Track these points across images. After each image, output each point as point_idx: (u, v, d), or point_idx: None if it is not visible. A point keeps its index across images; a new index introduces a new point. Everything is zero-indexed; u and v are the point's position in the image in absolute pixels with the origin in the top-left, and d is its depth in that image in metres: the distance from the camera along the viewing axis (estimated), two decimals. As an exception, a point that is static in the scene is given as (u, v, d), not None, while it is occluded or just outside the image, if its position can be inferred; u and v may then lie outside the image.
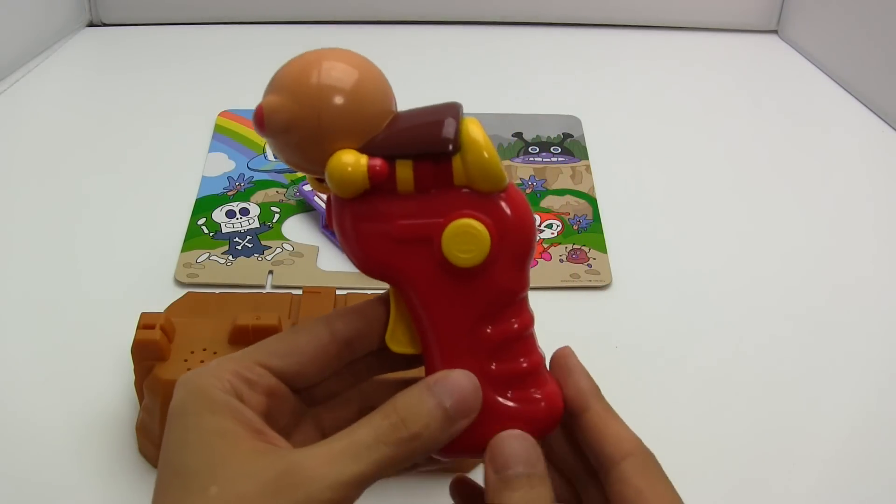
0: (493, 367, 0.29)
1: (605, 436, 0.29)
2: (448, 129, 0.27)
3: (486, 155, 0.27)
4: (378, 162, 0.27)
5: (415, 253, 0.28)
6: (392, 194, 0.28)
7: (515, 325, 0.29)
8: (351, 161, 0.27)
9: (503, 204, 0.28)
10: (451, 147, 0.27)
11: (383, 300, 0.30)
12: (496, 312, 0.29)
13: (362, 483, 0.25)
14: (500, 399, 0.28)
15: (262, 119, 0.27)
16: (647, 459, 0.28)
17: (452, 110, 0.28)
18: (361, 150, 0.27)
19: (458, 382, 0.27)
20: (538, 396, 0.29)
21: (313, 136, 0.27)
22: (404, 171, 0.27)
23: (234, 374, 0.27)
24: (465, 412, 0.27)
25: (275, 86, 0.28)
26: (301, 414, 0.29)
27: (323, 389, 0.30)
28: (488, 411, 0.28)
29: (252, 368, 0.27)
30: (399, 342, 0.29)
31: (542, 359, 0.30)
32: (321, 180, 0.28)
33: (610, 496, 0.28)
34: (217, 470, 0.25)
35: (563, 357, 0.30)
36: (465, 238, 0.27)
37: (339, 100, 0.27)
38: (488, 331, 0.28)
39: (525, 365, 0.29)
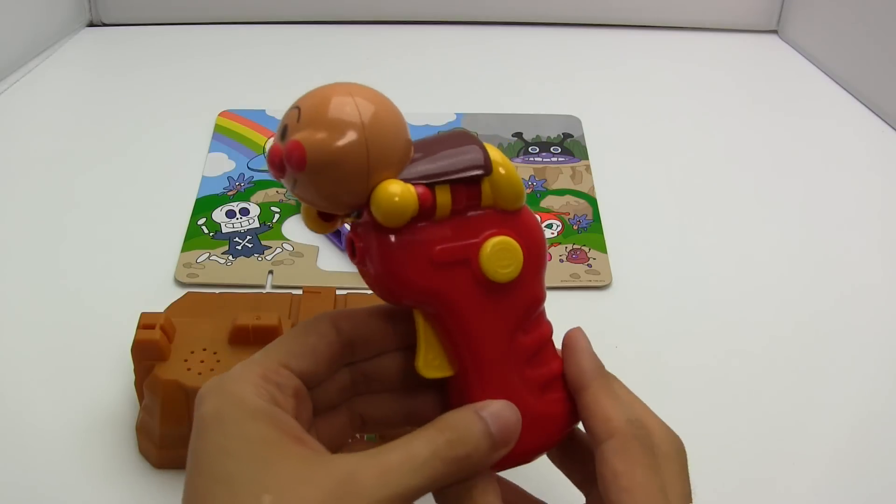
0: (529, 373, 0.30)
1: (595, 415, 0.29)
2: (483, 154, 0.28)
3: (513, 177, 0.29)
4: (422, 189, 0.27)
5: (453, 275, 0.29)
6: (428, 220, 0.28)
7: (544, 331, 0.31)
8: (399, 191, 0.27)
9: (524, 219, 0.30)
10: (486, 170, 0.28)
11: (384, 312, 0.30)
12: (527, 322, 0.30)
13: (415, 496, 0.25)
14: (537, 403, 0.30)
15: (302, 156, 0.26)
16: (629, 442, 0.29)
17: (473, 137, 0.29)
18: (400, 179, 0.27)
19: (503, 411, 0.28)
20: (564, 395, 0.31)
21: (361, 169, 0.26)
22: (444, 197, 0.28)
23: (263, 378, 0.27)
24: (507, 441, 0.28)
25: (308, 122, 0.26)
26: (313, 418, 0.29)
27: (326, 399, 0.30)
28: (528, 416, 0.29)
29: (278, 371, 0.27)
30: (432, 367, 0.29)
31: (562, 361, 0.31)
32: (327, 217, 0.29)
33: (597, 477, 0.29)
34: (267, 478, 0.24)
35: (572, 338, 0.32)
36: (503, 254, 0.29)
37: (383, 132, 0.27)
38: (524, 340, 0.30)
39: (554, 368, 0.31)
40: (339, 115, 0.26)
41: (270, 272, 0.53)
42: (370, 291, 0.29)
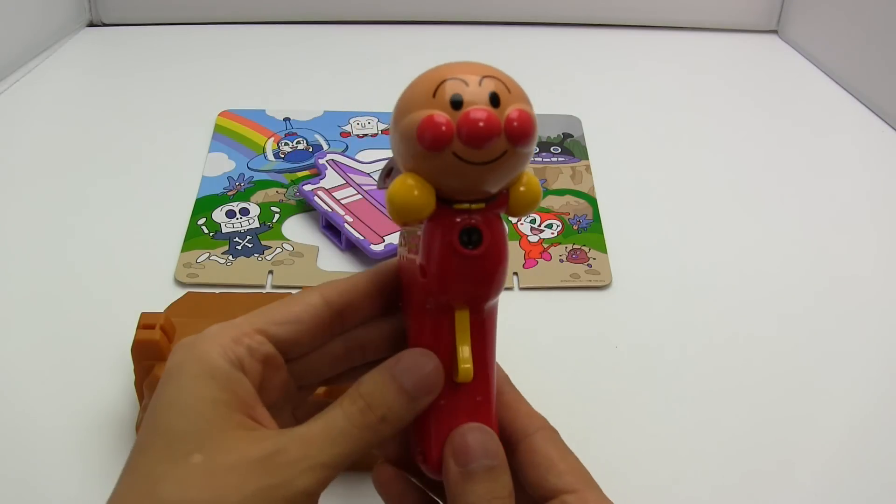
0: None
1: (518, 412, 0.30)
2: None
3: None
4: None
5: None
6: None
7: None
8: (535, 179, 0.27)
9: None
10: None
11: (370, 278, 0.30)
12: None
13: (339, 465, 0.26)
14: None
15: (533, 127, 0.26)
16: (555, 434, 0.30)
17: None
18: None
19: (417, 362, 0.28)
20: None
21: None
22: None
23: (235, 340, 0.27)
24: (426, 390, 0.28)
25: (518, 97, 0.26)
26: (289, 391, 0.30)
27: (319, 369, 0.30)
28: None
29: (252, 335, 0.28)
30: (468, 371, 0.28)
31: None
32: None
33: (519, 467, 0.29)
34: (205, 438, 0.25)
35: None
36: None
37: None
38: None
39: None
40: (527, 97, 0.26)
41: (270, 272, 0.53)
42: None
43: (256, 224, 0.57)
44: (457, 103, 0.25)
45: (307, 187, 0.58)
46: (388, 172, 0.29)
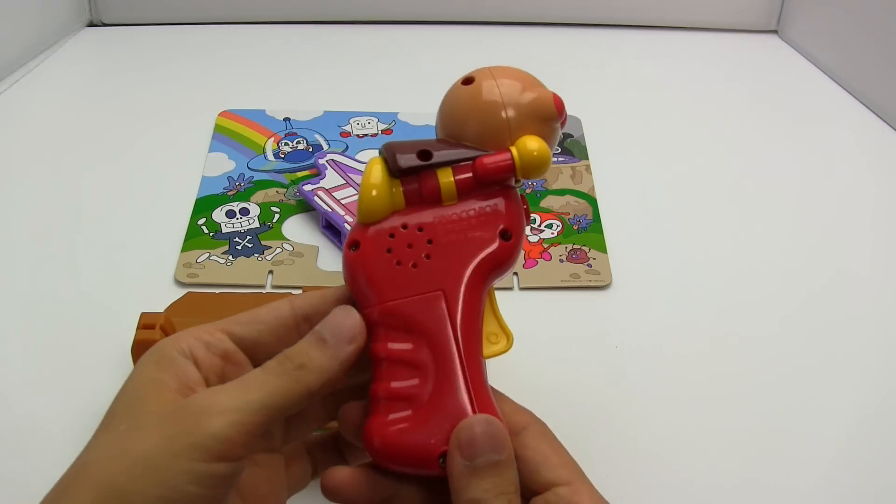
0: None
1: (502, 412, 0.30)
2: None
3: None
4: None
5: None
6: None
7: None
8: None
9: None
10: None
11: (340, 294, 0.31)
12: None
13: (254, 409, 0.26)
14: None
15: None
16: (545, 428, 0.30)
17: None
18: None
19: (335, 316, 0.29)
20: None
21: None
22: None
23: (196, 338, 0.29)
24: (346, 338, 0.29)
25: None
26: None
27: None
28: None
29: (213, 333, 0.29)
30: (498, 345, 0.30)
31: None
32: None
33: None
34: (135, 412, 0.27)
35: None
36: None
37: None
38: None
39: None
40: None
41: (270, 272, 0.53)
42: None
43: (256, 224, 0.57)
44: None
45: (307, 187, 0.58)
46: (423, 153, 0.30)
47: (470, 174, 0.30)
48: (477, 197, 0.30)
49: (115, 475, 0.25)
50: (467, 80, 0.31)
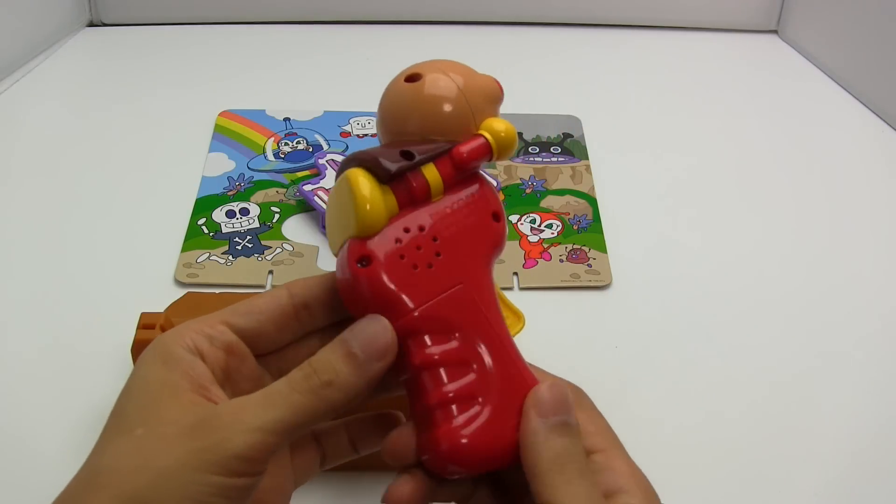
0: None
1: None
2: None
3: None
4: None
5: None
6: None
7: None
8: None
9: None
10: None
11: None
12: None
13: (278, 431, 0.26)
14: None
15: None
16: (581, 395, 0.30)
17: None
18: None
19: (366, 327, 0.28)
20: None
21: None
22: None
23: (197, 331, 0.28)
24: (377, 355, 0.27)
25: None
26: (262, 380, 0.30)
27: (295, 362, 0.30)
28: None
29: (214, 326, 0.29)
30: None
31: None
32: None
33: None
34: (149, 415, 0.26)
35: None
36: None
37: None
38: None
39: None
40: None
41: (270, 272, 0.53)
42: None
43: (256, 224, 0.57)
44: None
45: (307, 187, 0.58)
46: (406, 153, 0.30)
47: (450, 165, 0.30)
48: (457, 188, 0.30)
49: (139, 488, 0.25)
50: (412, 77, 0.31)
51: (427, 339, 0.28)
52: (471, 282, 0.29)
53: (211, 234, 0.56)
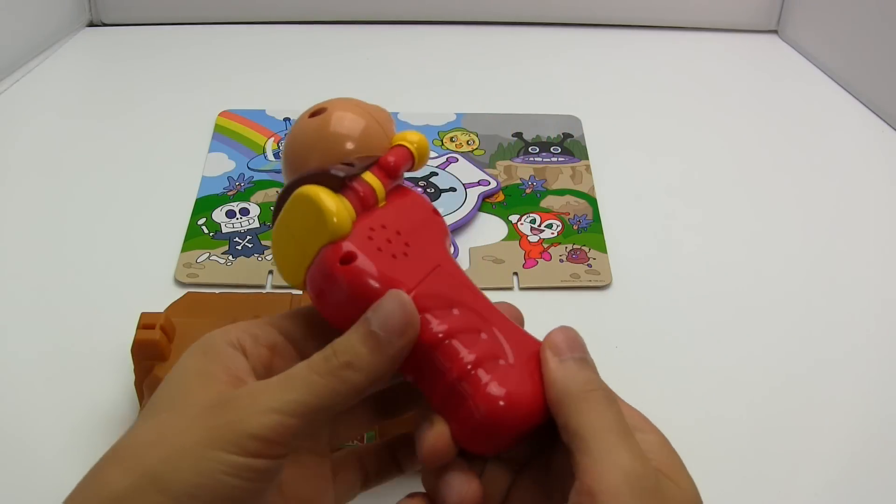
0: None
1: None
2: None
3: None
4: None
5: None
6: None
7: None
8: None
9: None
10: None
11: None
12: None
13: (295, 412, 0.26)
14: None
15: None
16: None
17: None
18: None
19: (386, 306, 0.28)
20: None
21: None
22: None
23: (244, 329, 0.29)
24: (397, 332, 0.27)
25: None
26: None
27: None
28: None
29: (261, 326, 0.30)
30: None
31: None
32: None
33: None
34: (178, 399, 0.27)
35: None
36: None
37: None
38: None
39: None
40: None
41: (270, 272, 0.53)
42: None
43: (256, 224, 0.57)
44: None
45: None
46: (345, 164, 0.31)
47: (382, 174, 0.31)
48: (393, 196, 0.32)
49: (153, 462, 0.25)
50: (316, 113, 0.33)
51: (430, 316, 0.29)
52: (445, 263, 0.31)
53: (211, 234, 0.56)
